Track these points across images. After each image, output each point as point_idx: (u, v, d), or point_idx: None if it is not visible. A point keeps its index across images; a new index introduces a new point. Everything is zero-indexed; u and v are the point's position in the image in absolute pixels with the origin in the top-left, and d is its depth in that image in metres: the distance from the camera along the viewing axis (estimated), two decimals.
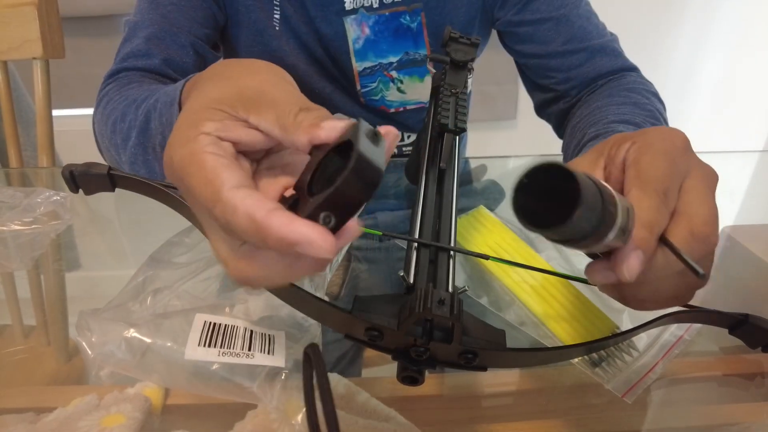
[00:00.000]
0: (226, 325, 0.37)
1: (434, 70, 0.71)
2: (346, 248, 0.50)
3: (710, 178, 0.31)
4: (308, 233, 0.22)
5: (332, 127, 0.25)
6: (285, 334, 0.37)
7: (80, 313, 0.36)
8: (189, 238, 0.48)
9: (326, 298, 0.38)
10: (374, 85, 0.72)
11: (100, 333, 0.35)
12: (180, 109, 0.41)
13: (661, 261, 0.29)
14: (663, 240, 0.29)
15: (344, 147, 0.24)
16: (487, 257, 0.35)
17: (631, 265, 0.28)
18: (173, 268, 0.44)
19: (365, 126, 0.23)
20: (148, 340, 0.35)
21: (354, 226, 0.24)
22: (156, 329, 0.36)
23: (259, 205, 0.22)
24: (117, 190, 0.36)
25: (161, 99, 0.45)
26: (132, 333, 0.35)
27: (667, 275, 0.30)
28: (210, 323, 0.36)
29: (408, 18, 0.68)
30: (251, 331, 0.36)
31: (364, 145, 0.22)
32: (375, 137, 0.23)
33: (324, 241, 0.22)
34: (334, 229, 0.22)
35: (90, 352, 0.35)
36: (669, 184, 0.30)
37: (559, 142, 0.68)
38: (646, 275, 0.29)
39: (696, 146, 0.33)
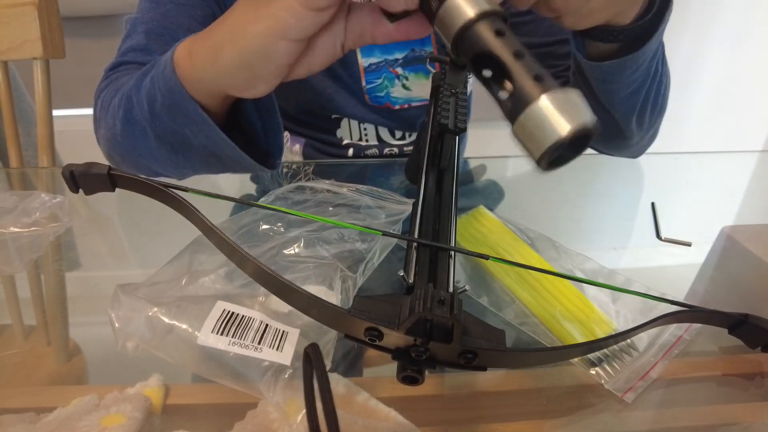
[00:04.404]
0: (243, 315, 0.37)
1: (433, 70, 0.71)
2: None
3: None
4: None
5: None
6: (300, 333, 0.37)
7: (116, 286, 0.38)
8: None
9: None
10: (379, 81, 0.72)
11: (128, 309, 0.37)
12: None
13: None
14: None
15: None
16: (486, 257, 0.35)
17: None
18: (214, 252, 0.44)
19: None
20: (172, 322, 0.36)
21: None
22: (182, 312, 0.37)
23: None
24: (117, 190, 0.36)
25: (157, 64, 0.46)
26: (156, 312, 0.36)
27: None
28: (228, 312, 0.37)
29: None
30: (266, 325, 0.37)
31: None
32: None
33: None
34: None
35: (117, 324, 0.36)
36: None
37: None
38: None
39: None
